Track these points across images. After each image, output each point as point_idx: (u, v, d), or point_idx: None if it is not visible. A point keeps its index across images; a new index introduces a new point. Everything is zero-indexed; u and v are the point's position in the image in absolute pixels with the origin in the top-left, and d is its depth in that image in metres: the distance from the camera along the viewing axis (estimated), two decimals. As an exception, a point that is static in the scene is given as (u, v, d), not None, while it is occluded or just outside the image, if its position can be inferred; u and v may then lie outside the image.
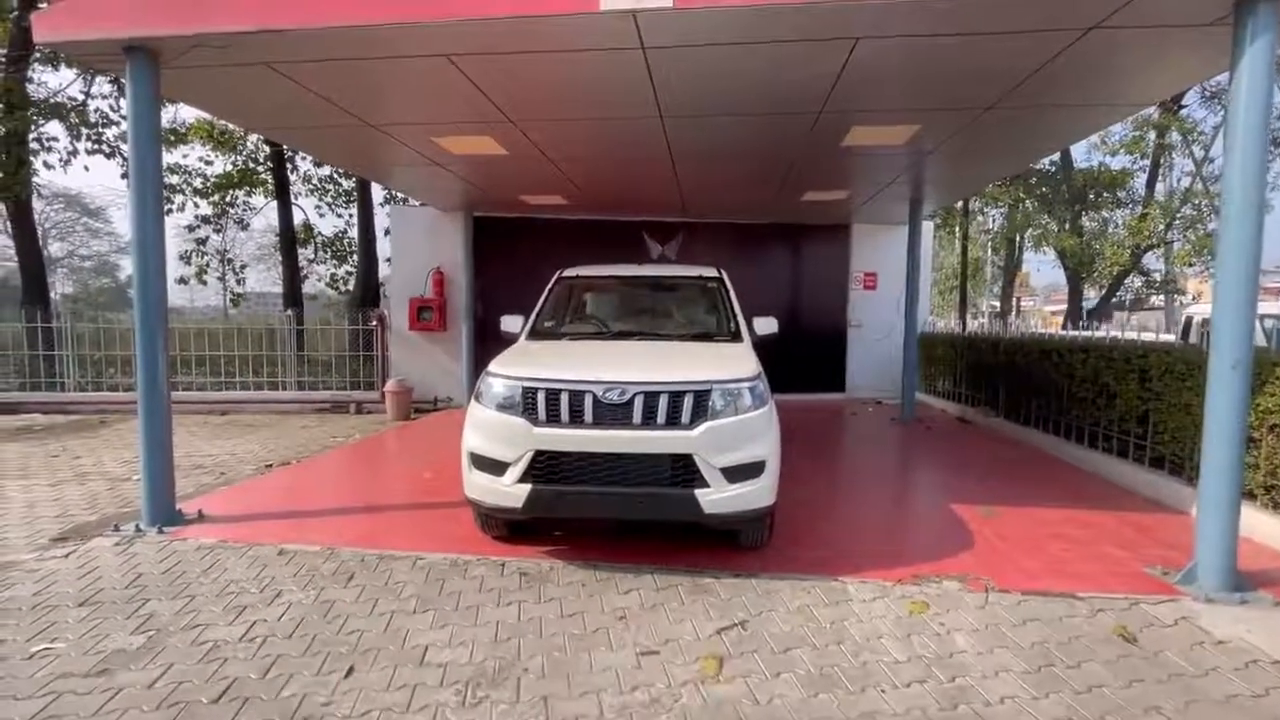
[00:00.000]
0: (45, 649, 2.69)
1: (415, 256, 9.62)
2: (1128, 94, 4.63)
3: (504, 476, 3.37)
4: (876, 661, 2.67)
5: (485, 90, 4.54)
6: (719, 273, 4.97)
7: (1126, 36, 3.59)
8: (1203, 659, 2.71)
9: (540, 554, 3.69)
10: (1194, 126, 13.92)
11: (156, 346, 4.01)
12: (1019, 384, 7.18)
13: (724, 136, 5.58)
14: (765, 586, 3.32)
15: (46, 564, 3.56)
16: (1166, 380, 4.85)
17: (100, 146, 14.13)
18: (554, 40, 3.76)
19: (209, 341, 9.31)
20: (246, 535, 3.96)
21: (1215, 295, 3.25)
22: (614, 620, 2.98)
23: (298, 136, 6.38)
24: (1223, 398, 3.21)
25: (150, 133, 4.01)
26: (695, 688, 2.49)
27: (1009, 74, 4.18)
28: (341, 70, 4.32)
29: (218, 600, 3.14)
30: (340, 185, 17.65)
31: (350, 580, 3.37)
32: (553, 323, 4.74)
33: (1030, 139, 5.76)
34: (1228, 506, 3.23)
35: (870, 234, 10.27)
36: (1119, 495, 5.00)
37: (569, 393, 3.35)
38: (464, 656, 2.68)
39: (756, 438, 3.37)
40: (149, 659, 2.63)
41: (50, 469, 5.79)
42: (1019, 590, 3.29)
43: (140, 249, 3.95)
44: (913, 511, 4.98)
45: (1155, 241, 14.30)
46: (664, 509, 3.38)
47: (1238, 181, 3.13)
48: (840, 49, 3.80)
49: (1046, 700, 2.43)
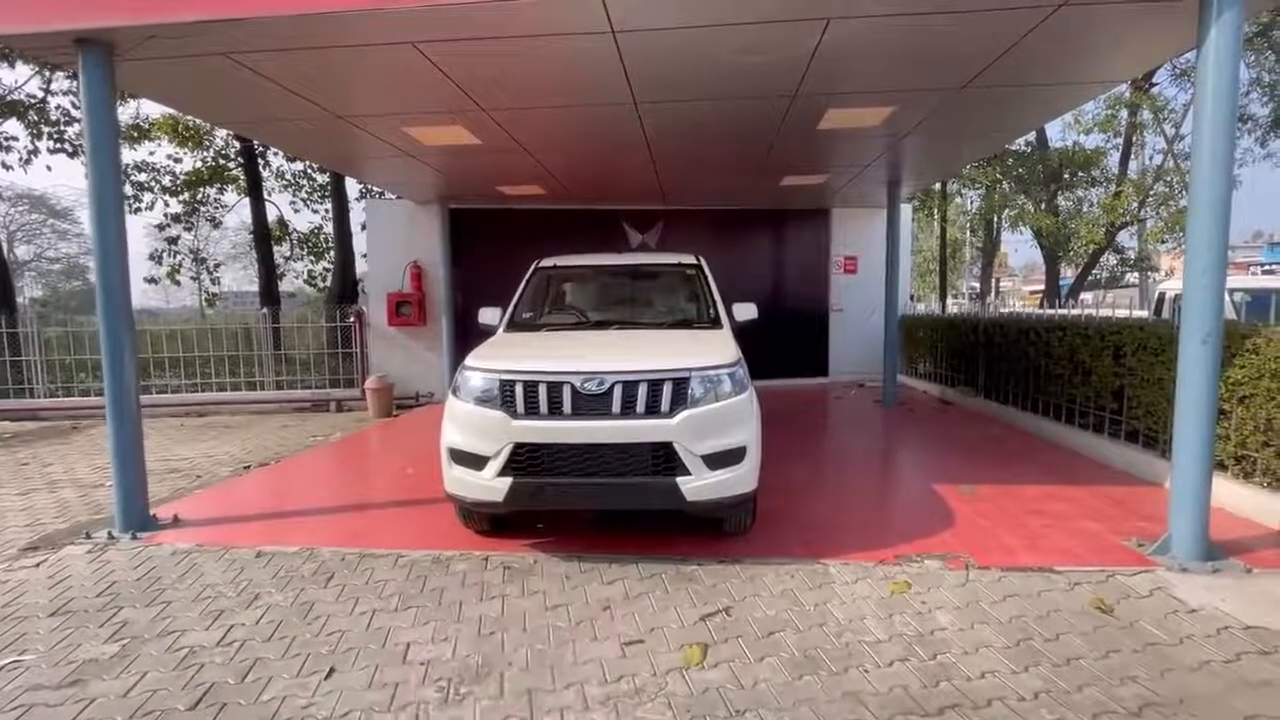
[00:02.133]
0: (14, 661, 2.62)
1: (392, 251, 9.48)
2: (1099, 72, 4.65)
3: (484, 471, 3.33)
4: (859, 642, 2.69)
5: (453, 77, 4.44)
6: (697, 259, 4.94)
7: (1096, 13, 3.60)
8: (1177, 627, 2.76)
9: (523, 547, 3.66)
10: (1165, 104, 14.09)
11: (123, 348, 3.90)
12: (998, 364, 7.26)
13: (700, 122, 5.53)
14: (749, 572, 3.33)
15: (15, 574, 3.47)
16: (1140, 356, 4.92)
17: (62, 145, 13.72)
18: (521, 25, 3.68)
19: (183, 343, 9.12)
20: (223, 538, 3.89)
21: (1185, 270, 3.29)
22: (598, 611, 2.97)
23: (265, 130, 6.23)
24: (1194, 372, 3.26)
25: (107, 128, 3.87)
26: (680, 675, 2.49)
27: (981, 53, 4.18)
28: (305, 60, 4.20)
29: (193, 605, 3.08)
30: (315, 180, 17.31)
31: (330, 580, 3.32)
32: (531, 314, 4.69)
33: (1005, 119, 5.79)
34: (1200, 478, 3.28)
35: (850, 218, 10.29)
36: (1096, 470, 5.08)
37: (547, 384, 3.32)
38: (446, 653, 2.65)
39: (737, 424, 3.36)
40: (123, 668, 2.57)
41: (19, 477, 5.65)
42: (998, 567, 3.33)
43: (102, 249, 3.84)
44: (895, 492, 5.02)
45: (1129, 219, 14.50)
46: (646, 498, 3.37)
47: (1206, 157, 3.15)
48: (813, 30, 3.76)
49: (1025, 674, 2.46)
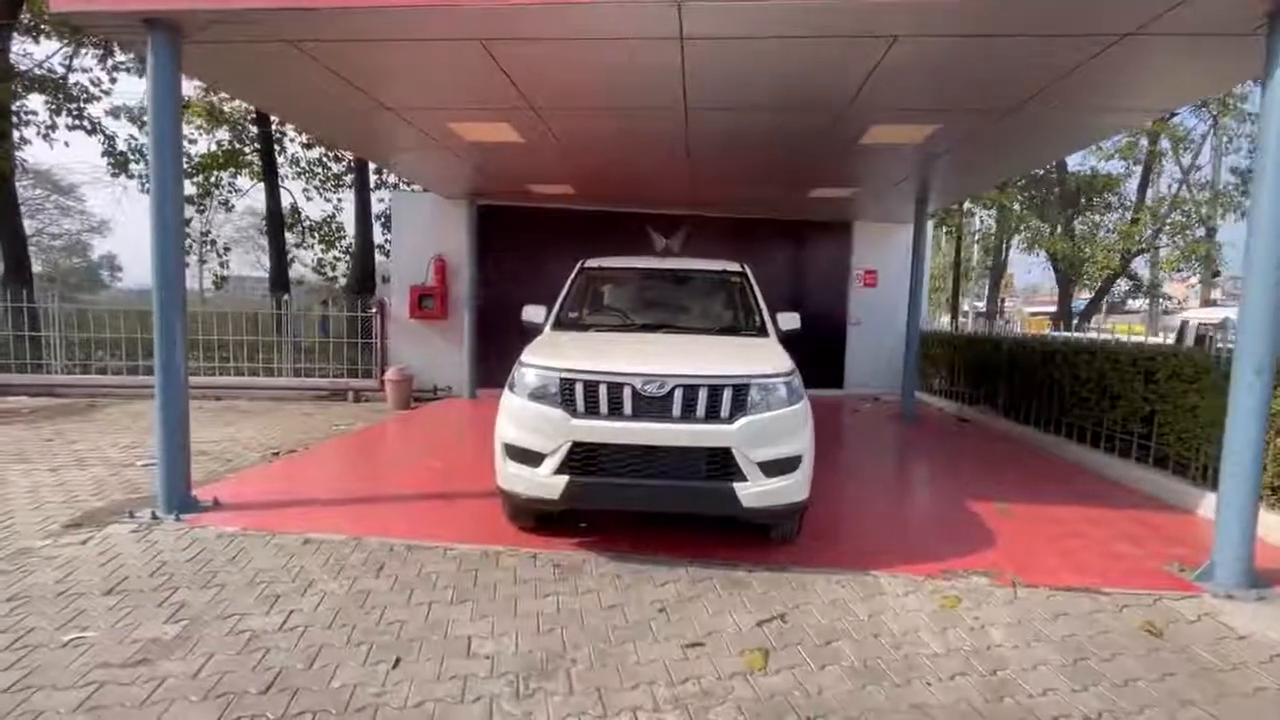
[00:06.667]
0: (78, 637, 2.63)
1: (416, 243, 9.48)
2: (1148, 101, 4.71)
3: (540, 468, 3.35)
4: (917, 654, 2.71)
5: (513, 76, 4.47)
6: (742, 267, 4.97)
7: (1160, 43, 3.65)
8: (1228, 653, 2.79)
9: (570, 546, 3.68)
10: (1185, 134, 14.23)
11: (174, 330, 3.91)
12: (1020, 383, 7.31)
13: (744, 131, 5.57)
14: (799, 580, 3.35)
15: (64, 550, 3.46)
16: (1173, 383, 4.97)
17: (81, 122, 13.66)
18: (593, 27, 3.71)
19: (201, 325, 9.10)
20: (266, 523, 3.89)
21: (1241, 302, 3.33)
22: (654, 613, 2.98)
23: (307, 117, 6.25)
24: (1245, 402, 3.29)
25: (171, 109, 3.89)
26: (745, 679, 2.50)
27: (1037, 78, 4.22)
28: (365, 51, 4.22)
29: (249, 589, 3.08)
30: (329, 169, 17.28)
31: (381, 570, 3.33)
32: (577, 313, 4.71)
33: (1046, 141, 5.84)
34: (1247, 507, 3.32)
35: (871, 232, 10.35)
36: (1123, 494, 5.12)
37: (608, 385, 3.34)
38: (509, 648, 2.67)
39: (793, 433, 3.39)
40: (187, 649, 2.57)
41: (47, 454, 5.63)
42: (1045, 585, 3.36)
43: (160, 230, 3.84)
44: (931, 508, 5.05)
45: (1145, 246, 14.63)
46: (701, 502, 3.39)
47: (1269, 188, 3.19)
48: (878, 47, 3.81)
49: (1086, 693, 2.48)
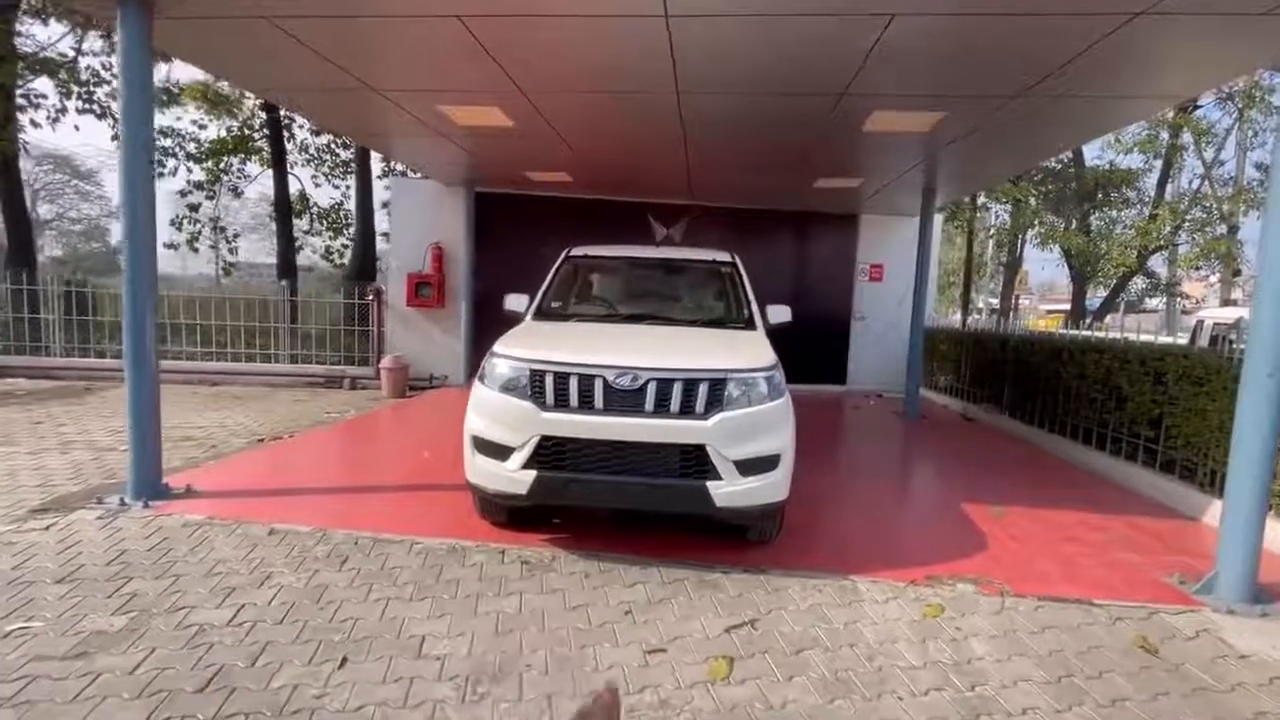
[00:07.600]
0: (21, 628, 2.55)
1: (415, 231, 9.39)
2: (1163, 87, 4.46)
3: (508, 462, 3.23)
4: (892, 666, 2.57)
5: (495, 55, 4.32)
6: (732, 258, 4.81)
7: (1176, 23, 3.42)
8: (1227, 673, 2.63)
9: (541, 542, 3.56)
10: (1209, 128, 13.75)
11: (144, 311, 3.83)
12: (1026, 382, 7.09)
13: (740, 115, 5.37)
14: (775, 584, 3.21)
15: (25, 536, 3.40)
16: (1183, 385, 4.75)
17: (90, 106, 13.71)
18: (573, 4, 3.55)
19: (200, 310, 9.08)
20: (236, 512, 3.81)
21: (1255, 300, 3.13)
22: (619, 615, 2.86)
23: (297, 98, 6.14)
24: (1256, 406, 3.10)
25: (142, 85, 3.79)
26: (706, 689, 2.38)
27: (1044, 60, 4.00)
28: (345, 28, 4.09)
29: (204, 581, 3.00)
30: (338, 155, 17.23)
31: (344, 564, 3.24)
32: (560, 303, 4.57)
33: (1057, 130, 5.59)
34: (1255, 516, 3.14)
35: (878, 225, 10.10)
36: (1128, 499, 4.92)
37: (579, 377, 3.21)
38: (463, 648, 2.56)
39: (772, 430, 3.24)
40: (130, 642, 2.49)
41: (34, 436, 5.61)
42: (1034, 595, 3.20)
43: (130, 210, 3.76)
44: (922, 509, 4.88)
45: (1163, 243, 14.21)
46: (673, 501, 3.26)
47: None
48: (874, 25, 3.61)
49: (1070, 713, 2.34)
